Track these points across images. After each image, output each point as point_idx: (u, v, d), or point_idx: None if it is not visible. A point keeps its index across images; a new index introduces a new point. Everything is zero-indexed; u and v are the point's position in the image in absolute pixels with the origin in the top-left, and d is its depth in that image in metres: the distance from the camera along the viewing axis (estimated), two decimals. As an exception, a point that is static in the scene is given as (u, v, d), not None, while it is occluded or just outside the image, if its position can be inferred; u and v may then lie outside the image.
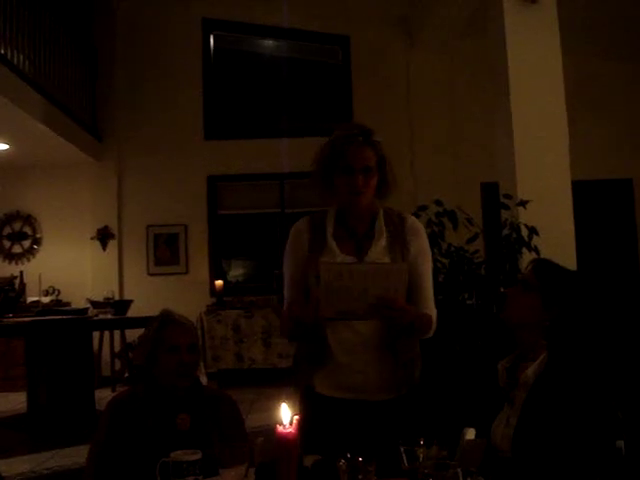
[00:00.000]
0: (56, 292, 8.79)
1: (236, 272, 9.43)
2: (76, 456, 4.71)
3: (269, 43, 9.74)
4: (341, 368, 2.37)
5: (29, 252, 9.13)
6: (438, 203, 4.86)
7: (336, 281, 2.15)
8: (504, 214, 5.19)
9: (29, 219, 9.14)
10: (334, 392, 2.40)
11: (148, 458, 2.09)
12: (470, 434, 2.05)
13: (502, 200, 5.20)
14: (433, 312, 2.40)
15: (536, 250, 4.74)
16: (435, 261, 4.76)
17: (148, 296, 8.19)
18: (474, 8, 6.96)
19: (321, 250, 2.39)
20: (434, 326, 2.39)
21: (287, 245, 2.52)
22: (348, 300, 2.16)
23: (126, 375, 7.82)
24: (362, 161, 2.32)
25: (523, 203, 5.01)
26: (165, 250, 9.02)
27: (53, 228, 9.08)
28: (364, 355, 2.34)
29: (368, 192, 2.35)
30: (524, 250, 4.86)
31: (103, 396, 6.50)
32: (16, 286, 8.19)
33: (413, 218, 2.51)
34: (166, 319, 2.48)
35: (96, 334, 7.69)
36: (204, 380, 2.49)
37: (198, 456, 1.90)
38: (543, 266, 2.19)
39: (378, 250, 2.36)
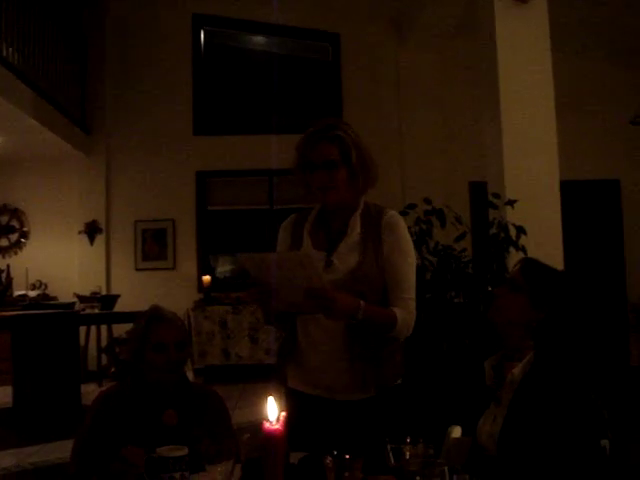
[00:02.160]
0: (43, 286, 8.76)
1: (224, 268, 9.42)
2: (61, 451, 4.68)
3: (259, 39, 9.73)
4: (308, 364, 2.37)
5: (16, 245, 9.10)
6: (427, 201, 4.87)
7: (259, 272, 2.14)
8: (492, 213, 5.21)
9: (16, 212, 9.09)
10: (304, 387, 2.40)
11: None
12: (456, 432, 2.05)
13: (490, 199, 5.22)
14: (406, 310, 2.30)
15: (523, 249, 4.76)
16: (423, 259, 4.78)
17: (135, 291, 8.19)
18: (465, 7, 6.97)
19: (299, 246, 2.40)
20: (403, 324, 2.28)
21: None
22: (286, 292, 2.13)
23: (112, 370, 7.80)
24: (322, 156, 2.31)
25: (511, 202, 5.03)
26: (153, 245, 8.99)
27: (41, 222, 9.05)
28: (328, 352, 2.32)
29: (338, 187, 2.33)
30: (511, 249, 4.88)
31: (89, 391, 6.50)
32: (3, 280, 8.18)
33: (392, 213, 2.43)
34: (154, 316, 2.46)
35: (83, 329, 7.65)
36: (191, 376, 2.48)
37: (184, 452, 1.89)
38: (530, 266, 2.19)
39: (348, 246, 2.34)
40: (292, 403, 2.37)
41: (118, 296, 7.50)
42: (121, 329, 7.28)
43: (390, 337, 2.31)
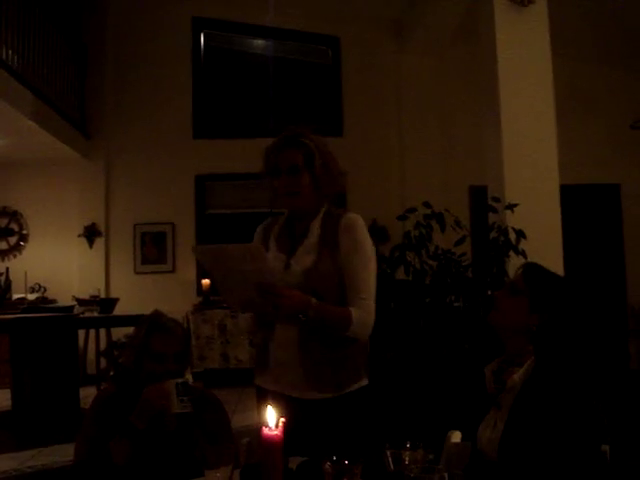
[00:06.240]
0: (42, 289, 8.74)
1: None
2: (60, 455, 4.68)
3: (259, 43, 9.73)
4: (271, 362, 2.40)
5: (15, 249, 9.08)
6: (426, 205, 4.87)
7: (212, 264, 2.21)
8: (492, 217, 5.21)
9: (16, 215, 9.08)
10: (269, 385, 2.42)
11: (133, 458, 2.08)
12: (456, 437, 2.04)
13: (490, 203, 5.21)
14: (361, 309, 2.33)
15: (523, 253, 4.76)
16: (422, 263, 4.78)
17: (134, 294, 8.18)
18: (466, 12, 6.98)
19: (267, 250, 2.45)
20: (358, 323, 2.31)
21: None
22: (239, 287, 2.20)
23: (111, 374, 7.78)
24: (286, 162, 2.40)
25: (511, 206, 5.03)
26: (152, 248, 8.98)
27: (40, 225, 9.03)
28: (287, 351, 2.35)
29: (302, 192, 2.41)
30: (511, 253, 4.88)
31: (88, 394, 6.46)
32: (2, 283, 8.16)
33: (350, 215, 2.46)
34: (155, 324, 2.44)
35: (81, 332, 7.64)
36: (190, 380, 2.46)
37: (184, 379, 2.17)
38: (533, 271, 2.18)
39: (305, 248, 2.39)
40: (259, 400, 2.44)
41: (117, 299, 7.48)
42: (120, 332, 7.27)
43: (347, 337, 2.34)
